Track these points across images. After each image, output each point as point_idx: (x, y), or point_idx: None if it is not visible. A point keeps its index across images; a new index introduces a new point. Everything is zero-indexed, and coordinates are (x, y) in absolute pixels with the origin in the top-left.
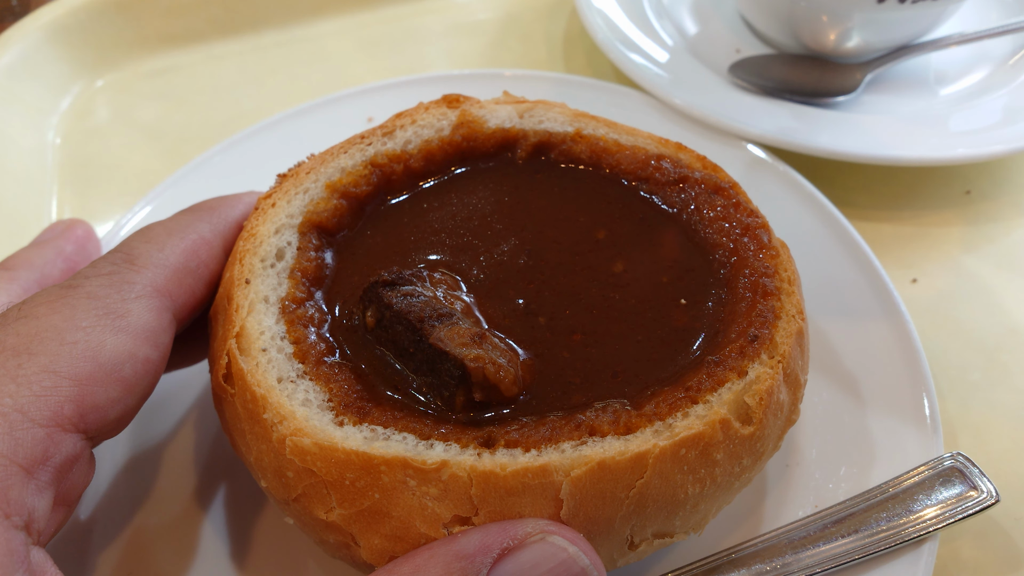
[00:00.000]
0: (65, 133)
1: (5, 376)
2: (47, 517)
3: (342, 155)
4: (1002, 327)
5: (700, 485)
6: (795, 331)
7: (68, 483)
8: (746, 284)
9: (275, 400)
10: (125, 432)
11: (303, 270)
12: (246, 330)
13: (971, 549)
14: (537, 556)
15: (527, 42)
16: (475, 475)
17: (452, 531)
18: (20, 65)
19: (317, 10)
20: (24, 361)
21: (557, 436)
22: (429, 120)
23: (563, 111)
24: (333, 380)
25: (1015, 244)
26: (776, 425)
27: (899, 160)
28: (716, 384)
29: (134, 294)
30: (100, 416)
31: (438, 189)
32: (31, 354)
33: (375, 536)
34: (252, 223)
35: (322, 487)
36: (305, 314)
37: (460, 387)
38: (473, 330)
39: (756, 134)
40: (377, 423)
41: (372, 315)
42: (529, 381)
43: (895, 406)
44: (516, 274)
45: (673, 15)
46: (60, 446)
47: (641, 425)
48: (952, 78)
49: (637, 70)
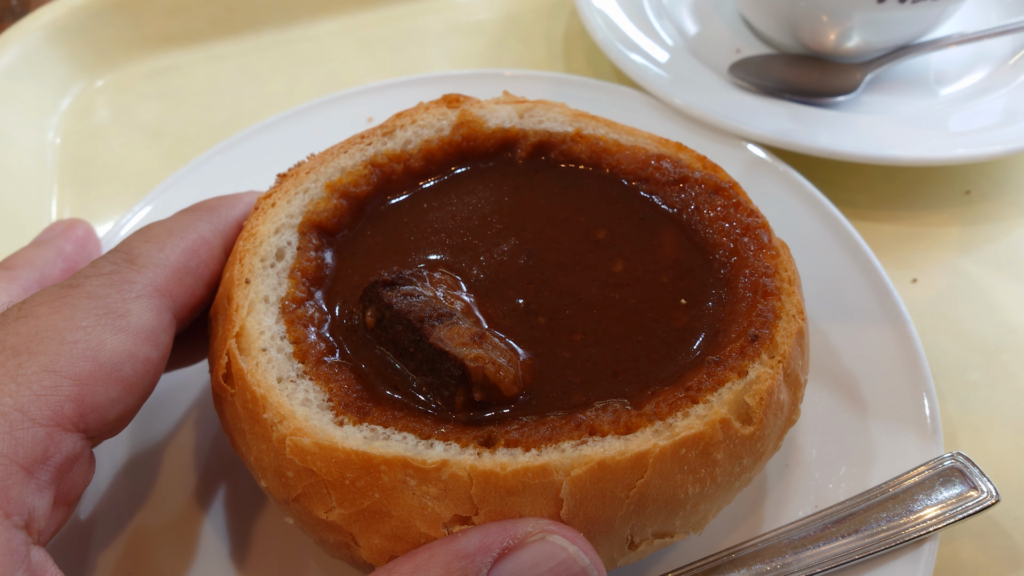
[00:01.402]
0: (65, 133)
1: (5, 375)
2: (47, 516)
3: (342, 155)
4: (1002, 327)
5: (700, 485)
6: (795, 331)
7: (68, 482)
8: (746, 284)
9: (275, 400)
10: (125, 432)
11: (303, 270)
12: (246, 330)
13: (971, 549)
14: (537, 555)
15: (527, 42)
16: (475, 474)
17: (452, 531)
18: (20, 65)
19: (317, 10)
20: (24, 360)
21: (557, 436)
22: (429, 120)
23: (563, 111)
24: (333, 380)
25: (1015, 244)
26: (776, 425)
27: (899, 160)
28: (716, 384)
29: (134, 294)
30: (100, 416)
31: (438, 189)
32: (31, 353)
33: (375, 536)
34: (252, 223)
35: (322, 487)
36: (305, 314)
37: (460, 387)
38: (473, 330)
39: (756, 134)
40: (377, 423)
41: (372, 315)
42: (529, 381)
43: (895, 406)
44: (516, 274)
45: (673, 15)
46: (60, 445)
47: (641, 425)
48: (952, 78)
49: (637, 70)
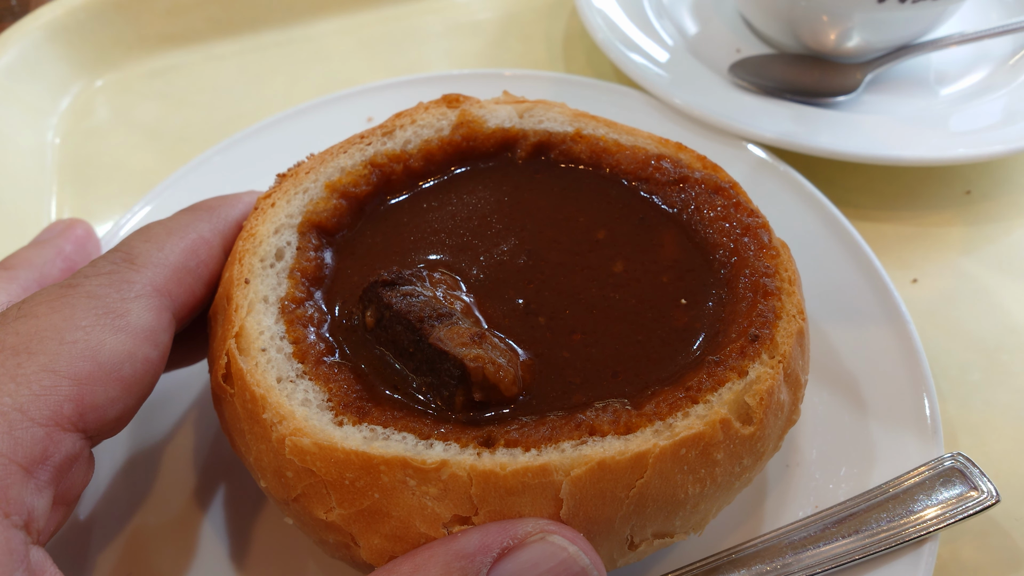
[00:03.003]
0: (64, 133)
1: (4, 375)
2: (46, 516)
3: (342, 155)
4: (1002, 327)
5: (700, 485)
6: (796, 331)
7: (67, 482)
8: (746, 284)
9: (274, 400)
10: (125, 432)
11: (303, 270)
12: (245, 330)
13: (971, 549)
14: (537, 555)
15: (527, 42)
16: (475, 475)
17: (452, 531)
18: (19, 65)
19: (317, 10)
20: (23, 360)
21: (557, 436)
22: (429, 120)
23: (563, 111)
24: (332, 380)
25: (1015, 244)
26: (777, 425)
27: (899, 160)
28: (716, 384)
29: (133, 293)
30: (99, 415)
31: (438, 189)
32: (30, 353)
33: (375, 536)
34: (251, 223)
35: (322, 487)
36: (304, 314)
37: (460, 387)
38: (473, 330)
39: (756, 134)
40: (377, 423)
41: (372, 315)
42: (529, 381)
43: (896, 407)
44: (516, 274)
45: (673, 15)
46: (59, 445)
47: (641, 425)
48: (952, 78)
49: (637, 70)
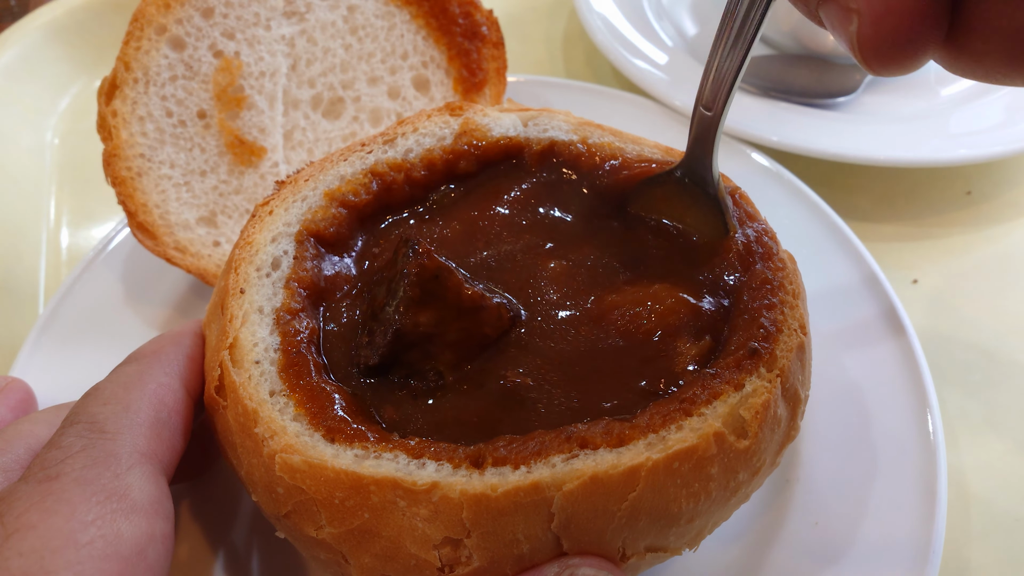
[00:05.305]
0: (64, 133)
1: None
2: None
3: (342, 163)
4: (1002, 327)
5: (694, 499)
6: (796, 345)
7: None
8: (750, 296)
9: (266, 414)
10: None
11: (299, 280)
12: (239, 341)
13: (972, 549)
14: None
15: (527, 43)
16: (466, 498)
17: (443, 552)
18: (19, 65)
19: None
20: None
21: (547, 450)
22: (431, 128)
23: (568, 119)
24: (316, 398)
25: (1016, 245)
26: (773, 440)
27: (899, 161)
28: (711, 397)
29: (124, 467)
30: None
31: (436, 205)
32: (48, 573)
33: (365, 555)
34: (248, 231)
35: (312, 505)
36: (300, 325)
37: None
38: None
39: (756, 136)
40: (366, 441)
41: (397, 256)
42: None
43: (896, 421)
44: (516, 282)
45: (673, 16)
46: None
47: (634, 437)
48: (952, 78)
49: (637, 72)
